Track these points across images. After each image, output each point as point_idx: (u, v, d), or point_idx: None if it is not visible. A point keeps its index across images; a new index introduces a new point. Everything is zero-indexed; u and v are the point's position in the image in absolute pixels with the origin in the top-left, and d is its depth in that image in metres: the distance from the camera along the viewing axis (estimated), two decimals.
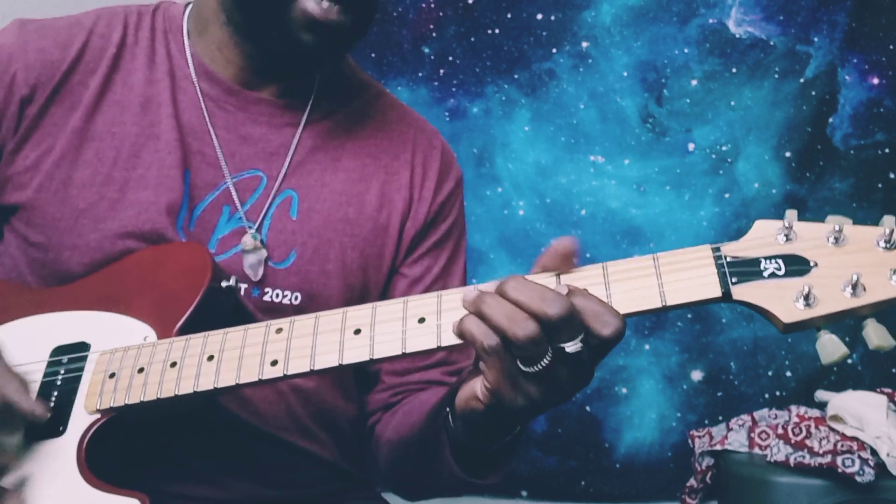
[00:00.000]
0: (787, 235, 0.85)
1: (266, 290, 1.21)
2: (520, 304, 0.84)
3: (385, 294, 1.31)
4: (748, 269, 0.85)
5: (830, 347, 0.82)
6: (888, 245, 0.82)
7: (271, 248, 1.21)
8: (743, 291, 0.84)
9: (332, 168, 1.27)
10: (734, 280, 0.85)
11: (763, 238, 0.86)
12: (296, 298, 1.22)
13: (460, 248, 1.39)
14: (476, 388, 0.92)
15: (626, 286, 0.88)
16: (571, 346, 0.83)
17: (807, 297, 0.82)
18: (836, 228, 0.84)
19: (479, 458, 1.01)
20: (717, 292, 0.85)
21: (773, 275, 0.84)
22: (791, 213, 0.86)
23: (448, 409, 1.00)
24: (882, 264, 0.81)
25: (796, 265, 0.84)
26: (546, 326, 0.82)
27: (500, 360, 0.85)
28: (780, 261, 0.84)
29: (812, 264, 0.84)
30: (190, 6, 1.30)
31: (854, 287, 0.81)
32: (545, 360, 0.84)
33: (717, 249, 0.87)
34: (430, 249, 1.33)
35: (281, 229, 1.22)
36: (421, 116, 1.42)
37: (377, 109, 1.36)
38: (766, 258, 0.85)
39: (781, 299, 0.83)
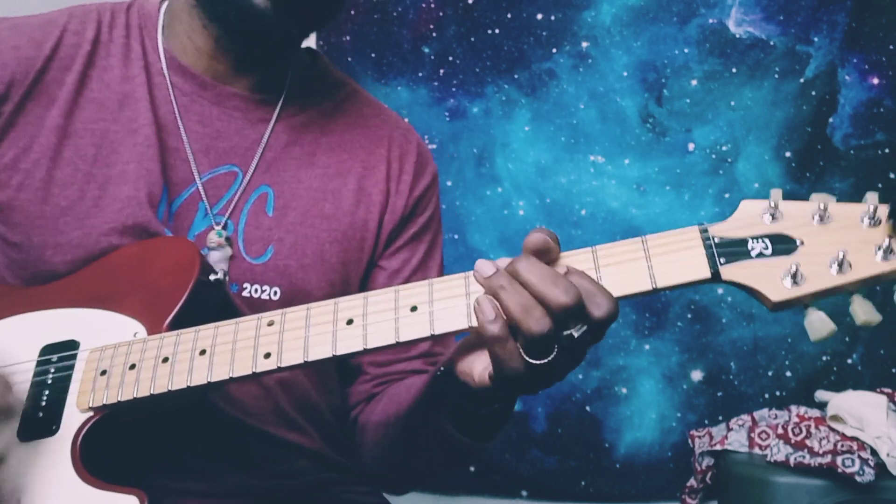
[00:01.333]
0: (772, 215, 0.86)
1: (245, 285, 1.21)
2: (530, 286, 0.84)
3: (364, 287, 1.32)
4: (736, 250, 0.86)
5: (818, 324, 0.83)
6: (872, 222, 0.83)
7: (248, 243, 1.22)
8: (731, 272, 0.85)
9: (307, 163, 1.28)
10: (722, 261, 0.86)
11: (749, 218, 0.87)
12: (275, 294, 1.22)
13: (437, 242, 1.40)
14: (474, 368, 0.94)
15: (616, 269, 0.88)
16: (577, 331, 0.84)
17: (794, 276, 0.83)
18: (821, 207, 0.85)
19: (471, 420, 1.03)
20: (706, 273, 0.86)
21: (760, 254, 0.85)
22: (776, 192, 0.87)
23: (441, 369, 1.02)
24: (867, 241, 0.82)
25: (783, 244, 0.85)
26: (554, 314, 0.84)
27: (504, 348, 0.87)
28: (766, 240, 0.86)
29: (798, 243, 0.85)
30: (167, 2, 1.31)
31: (840, 264, 0.82)
32: (553, 354, 0.85)
33: (705, 231, 0.88)
34: (407, 242, 1.34)
35: (257, 225, 1.23)
36: (395, 113, 1.44)
37: (352, 106, 1.37)
38: (753, 238, 0.86)
39: (769, 278, 0.84)
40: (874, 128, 2.81)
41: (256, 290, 1.21)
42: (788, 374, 2.83)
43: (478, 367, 0.94)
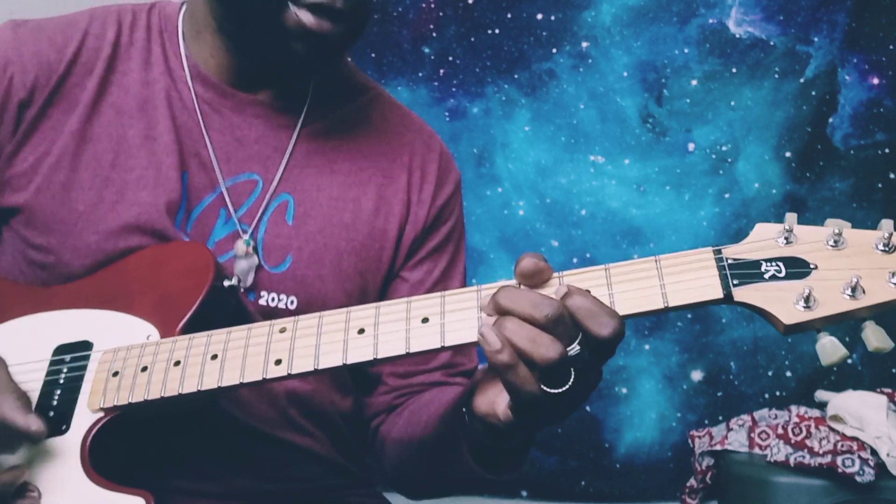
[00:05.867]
0: (787, 238, 0.86)
1: (262, 293, 1.20)
2: (512, 313, 0.84)
3: (383, 298, 1.30)
4: (749, 272, 0.86)
5: (830, 349, 0.83)
6: (886, 248, 0.83)
7: (267, 252, 1.21)
8: (744, 293, 0.85)
9: (328, 171, 1.27)
10: (735, 282, 0.85)
11: (764, 241, 0.87)
12: (291, 303, 1.21)
13: (460, 252, 1.39)
14: (497, 405, 0.93)
15: (628, 287, 0.88)
16: (571, 350, 0.84)
17: (807, 300, 0.82)
18: (836, 231, 0.85)
19: (495, 455, 1.02)
20: (718, 294, 0.86)
21: (773, 277, 0.85)
22: (791, 217, 0.87)
23: (465, 410, 1.01)
24: (880, 267, 0.82)
25: (797, 268, 0.85)
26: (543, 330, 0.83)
27: (517, 376, 0.86)
28: (780, 263, 0.85)
29: (812, 267, 0.84)
30: (185, 6, 1.29)
31: (853, 289, 0.82)
32: (570, 381, 0.85)
33: (719, 251, 0.87)
34: (430, 253, 1.32)
35: (277, 234, 1.22)
36: (419, 118, 1.41)
37: (375, 112, 1.35)
38: (766, 260, 0.86)
39: (782, 301, 0.84)
40: (874, 128, 2.82)
41: (273, 299, 1.20)
42: (788, 374, 2.85)
43: (501, 404, 0.93)
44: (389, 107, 1.38)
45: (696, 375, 2.89)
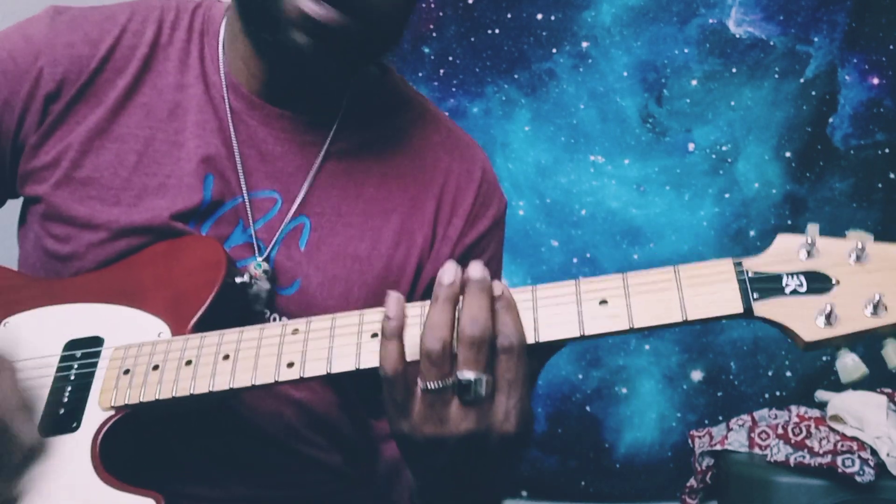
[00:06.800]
0: (808, 251, 0.84)
1: (265, 311, 1.18)
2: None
3: None
4: (770, 286, 0.84)
5: (851, 367, 0.82)
6: None
7: (278, 273, 1.18)
8: (764, 308, 0.83)
9: (352, 196, 1.21)
10: (756, 296, 0.84)
11: (784, 253, 0.85)
12: None
13: None
14: None
15: (647, 299, 0.87)
16: (468, 373, 0.85)
17: (828, 316, 0.81)
18: (859, 246, 0.83)
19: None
20: (738, 308, 0.84)
21: (794, 291, 0.83)
22: (812, 228, 0.85)
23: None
24: None
25: (818, 282, 0.83)
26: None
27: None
28: (802, 277, 0.84)
29: (834, 282, 0.83)
30: (229, 13, 1.25)
31: (875, 307, 0.80)
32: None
33: (740, 265, 0.86)
34: None
35: (288, 256, 1.19)
36: (467, 141, 1.32)
37: (416, 131, 1.27)
38: (788, 274, 0.84)
39: (802, 317, 0.82)
40: (874, 128, 2.82)
41: (275, 319, 1.17)
42: (788, 374, 2.85)
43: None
44: (434, 126, 1.29)
45: (696, 375, 2.89)
